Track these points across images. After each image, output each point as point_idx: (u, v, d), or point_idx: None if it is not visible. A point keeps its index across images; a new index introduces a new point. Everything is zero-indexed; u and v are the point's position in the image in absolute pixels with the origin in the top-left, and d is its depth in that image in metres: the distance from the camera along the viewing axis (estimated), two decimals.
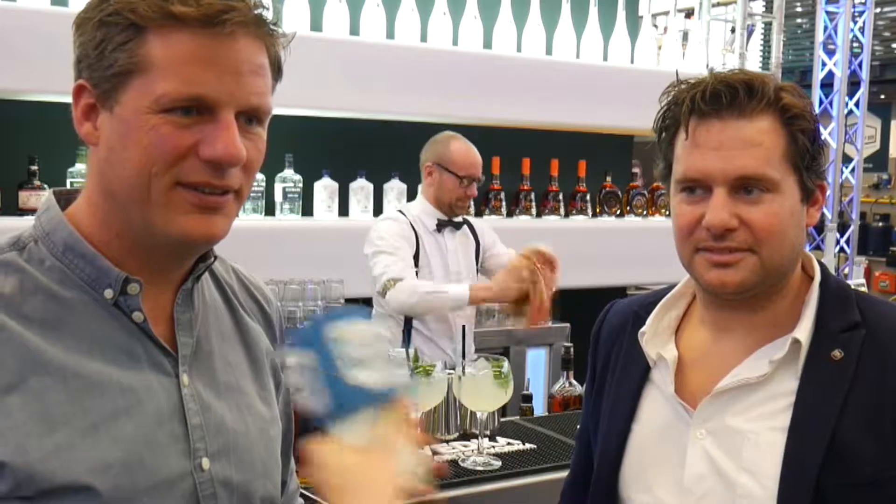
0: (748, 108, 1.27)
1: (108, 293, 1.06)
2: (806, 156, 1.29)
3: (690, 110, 1.29)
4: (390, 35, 4.08)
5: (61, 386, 1.01)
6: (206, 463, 1.09)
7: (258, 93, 1.06)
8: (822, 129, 1.35)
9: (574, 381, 2.86)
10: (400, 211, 3.57)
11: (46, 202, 1.12)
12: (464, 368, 2.20)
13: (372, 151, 4.25)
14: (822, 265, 1.39)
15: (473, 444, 2.31)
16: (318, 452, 0.95)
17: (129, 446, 1.03)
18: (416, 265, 3.40)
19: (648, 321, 1.44)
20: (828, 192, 1.37)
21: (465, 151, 3.47)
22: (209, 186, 1.04)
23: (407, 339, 2.83)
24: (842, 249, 7.09)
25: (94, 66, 1.03)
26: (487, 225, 3.76)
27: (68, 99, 1.07)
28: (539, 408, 3.11)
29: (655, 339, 1.42)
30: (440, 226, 3.52)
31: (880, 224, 11.72)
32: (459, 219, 3.57)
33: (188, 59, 1.01)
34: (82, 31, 1.04)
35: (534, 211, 4.52)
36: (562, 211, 4.60)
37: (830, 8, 6.76)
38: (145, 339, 1.09)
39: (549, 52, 4.49)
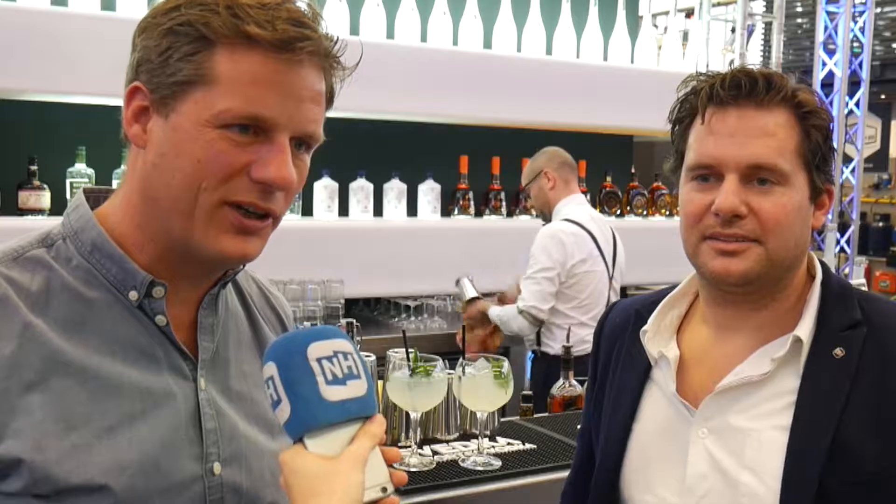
0: (766, 100, 1.28)
1: (133, 295, 1.07)
2: (818, 153, 1.30)
3: (709, 97, 1.30)
4: (390, 35, 4.08)
5: (82, 387, 1.01)
6: (217, 468, 1.10)
7: (315, 120, 1.08)
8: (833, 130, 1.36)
9: (574, 381, 2.86)
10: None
11: (76, 200, 1.12)
12: (464, 368, 2.20)
13: (372, 151, 4.25)
14: (823, 264, 1.39)
15: (473, 444, 2.30)
16: (290, 460, 0.97)
17: (145, 448, 1.03)
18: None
19: (650, 320, 1.44)
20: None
21: None
22: (254, 207, 1.04)
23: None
24: (842, 249, 7.08)
25: (154, 72, 1.03)
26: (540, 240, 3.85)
27: (68, 99, 1.07)
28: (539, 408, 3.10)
29: (657, 338, 1.42)
30: None
31: (880, 224, 11.72)
32: None
33: (254, 79, 1.01)
34: (147, 36, 1.04)
35: (534, 211, 4.52)
36: None
37: (831, 8, 6.75)
38: (166, 343, 1.10)
39: (549, 52, 4.49)
